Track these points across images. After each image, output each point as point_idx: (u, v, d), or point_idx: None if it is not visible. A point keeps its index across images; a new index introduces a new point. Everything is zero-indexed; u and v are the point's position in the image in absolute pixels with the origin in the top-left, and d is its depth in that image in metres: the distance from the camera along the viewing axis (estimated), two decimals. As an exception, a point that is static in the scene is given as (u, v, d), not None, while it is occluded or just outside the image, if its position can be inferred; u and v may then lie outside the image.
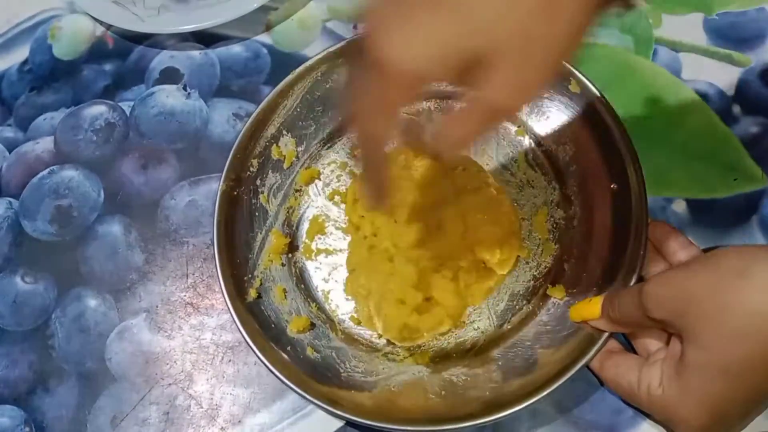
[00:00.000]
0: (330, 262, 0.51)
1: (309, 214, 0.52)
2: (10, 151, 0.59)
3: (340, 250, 0.51)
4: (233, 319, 0.46)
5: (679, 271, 0.41)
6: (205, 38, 0.61)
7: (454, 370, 0.46)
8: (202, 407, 0.49)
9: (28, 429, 0.49)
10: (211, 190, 0.54)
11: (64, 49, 0.63)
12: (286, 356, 0.46)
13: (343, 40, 0.54)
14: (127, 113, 0.59)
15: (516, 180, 0.51)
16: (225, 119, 0.58)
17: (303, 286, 0.50)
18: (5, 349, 0.52)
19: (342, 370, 0.46)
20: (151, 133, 0.58)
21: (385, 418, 0.43)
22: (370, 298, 0.48)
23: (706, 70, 0.55)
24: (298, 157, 0.53)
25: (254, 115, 0.52)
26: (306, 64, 0.53)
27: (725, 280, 0.37)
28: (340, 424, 0.47)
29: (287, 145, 0.53)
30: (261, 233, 0.51)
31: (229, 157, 0.51)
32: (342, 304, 0.49)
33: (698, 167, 0.52)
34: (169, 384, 0.49)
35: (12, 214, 0.56)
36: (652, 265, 0.45)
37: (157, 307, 0.52)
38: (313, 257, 0.51)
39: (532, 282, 0.48)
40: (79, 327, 0.52)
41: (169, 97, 0.59)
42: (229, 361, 0.50)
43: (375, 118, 0.35)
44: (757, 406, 0.39)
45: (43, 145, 0.59)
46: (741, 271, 0.37)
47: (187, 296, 0.52)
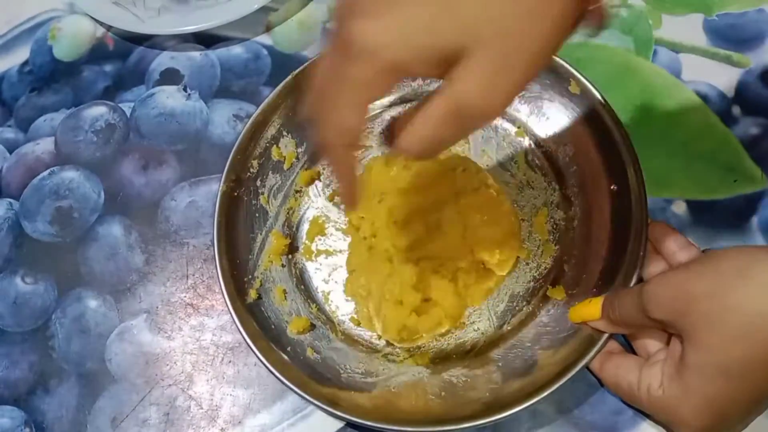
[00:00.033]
0: (330, 263, 0.51)
1: (309, 215, 0.52)
2: (11, 152, 0.59)
3: (340, 251, 0.51)
4: (233, 320, 0.46)
5: (679, 271, 0.41)
6: (206, 39, 0.61)
7: (454, 371, 0.46)
8: (202, 408, 0.49)
9: (28, 429, 0.49)
10: (212, 191, 0.54)
11: (64, 50, 0.63)
12: (286, 357, 0.46)
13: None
14: (128, 114, 0.59)
15: (516, 181, 0.51)
16: (225, 120, 0.58)
17: (303, 287, 0.50)
18: (5, 349, 0.52)
19: (342, 371, 0.46)
20: (152, 134, 0.58)
21: (385, 419, 0.43)
22: (369, 299, 0.48)
23: (706, 71, 0.55)
24: (298, 158, 0.53)
25: (254, 116, 0.52)
26: (306, 65, 0.53)
27: (725, 281, 0.37)
28: (340, 424, 0.47)
29: (287, 146, 0.53)
30: (261, 234, 0.51)
31: (230, 158, 0.51)
32: (342, 305, 0.49)
33: (698, 168, 0.52)
34: (170, 385, 0.49)
35: (12, 215, 0.56)
36: (652, 266, 0.45)
37: (158, 308, 0.52)
38: (313, 258, 0.51)
39: (532, 283, 0.48)
40: (80, 328, 0.52)
41: (170, 98, 0.59)
42: (230, 362, 0.50)
43: (346, 107, 0.33)
44: (757, 407, 0.39)
45: (44, 146, 0.59)
46: (741, 272, 0.37)
47: (188, 297, 0.52)
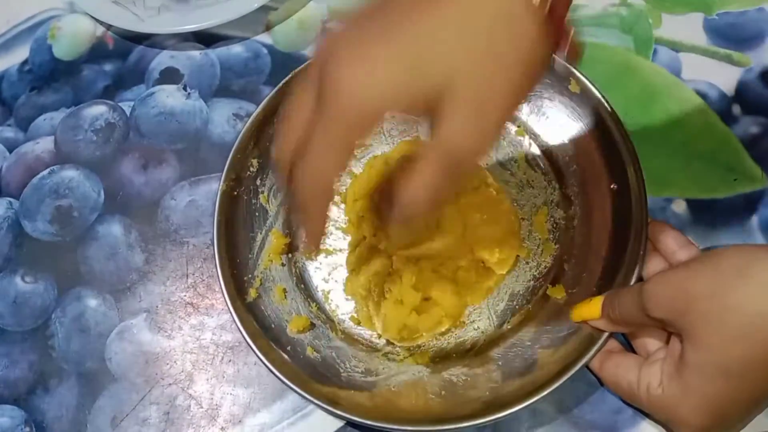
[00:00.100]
0: (330, 262, 0.51)
1: (309, 214, 0.52)
2: (11, 151, 0.59)
3: (340, 250, 0.51)
4: (233, 319, 0.46)
5: (679, 270, 0.41)
6: (205, 38, 0.61)
7: (454, 370, 0.46)
8: (202, 407, 0.49)
9: (28, 429, 0.49)
10: (211, 190, 0.54)
11: (64, 50, 0.63)
12: (286, 356, 0.46)
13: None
14: (128, 113, 0.59)
15: (516, 180, 0.51)
16: (225, 119, 0.58)
17: (303, 286, 0.50)
18: (5, 349, 0.52)
19: (342, 370, 0.46)
20: (151, 133, 0.58)
21: (385, 418, 0.43)
22: (369, 298, 0.48)
23: (706, 71, 0.55)
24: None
25: (254, 115, 0.52)
26: (306, 65, 0.53)
27: (725, 280, 0.37)
28: (340, 424, 0.47)
29: (287, 145, 0.53)
30: (261, 233, 0.51)
31: (229, 157, 0.51)
32: (342, 304, 0.49)
33: (698, 167, 0.52)
34: (170, 384, 0.49)
35: (12, 214, 0.56)
36: (652, 265, 0.45)
37: (157, 307, 0.52)
38: (313, 257, 0.51)
39: (532, 282, 0.48)
40: (79, 327, 0.52)
41: (170, 97, 0.59)
42: (229, 361, 0.50)
43: (325, 154, 0.33)
44: (757, 406, 0.39)
45: (44, 146, 0.59)
46: (741, 271, 0.37)
47: (187, 296, 0.52)
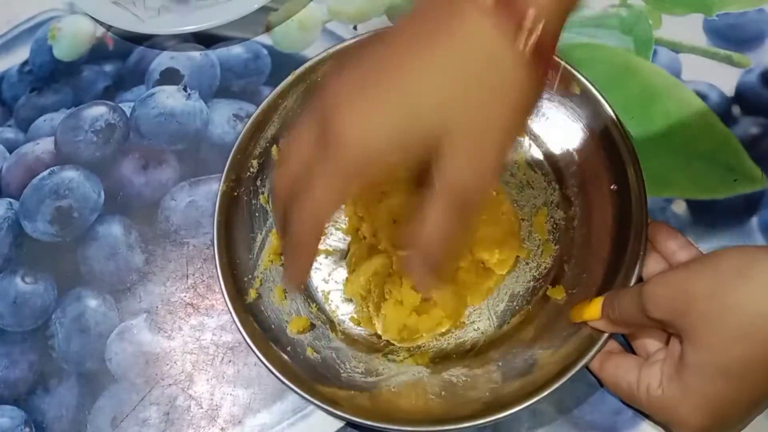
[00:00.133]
0: (330, 263, 0.51)
1: (309, 215, 0.52)
2: (11, 152, 0.59)
3: (340, 251, 0.51)
4: (233, 320, 0.46)
5: (679, 271, 0.41)
6: (206, 39, 0.61)
7: (454, 370, 0.46)
8: (202, 408, 0.49)
9: (28, 429, 0.49)
10: (212, 190, 0.54)
11: (64, 50, 0.63)
12: (286, 357, 0.46)
13: (343, 41, 0.54)
14: (128, 114, 0.59)
15: (516, 180, 0.51)
16: (225, 120, 0.58)
17: (303, 287, 0.50)
18: (5, 349, 0.52)
19: (342, 371, 0.46)
20: (152, 134, 0.58)
21: (385, 419, 0.43)
22: (369, 299, 0.48)
23: (706, 71, 0.55)
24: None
25: (254, 115, 0.52)
26: (306, 65, 0.53)
27: (725, 281, 0.37)
28: (340, 424, 0.47)
29: (287, 145, 0.53)
30: (261, 234, 0.51)
31: (230, 158, 0.51)
32: (342, 305, 0.49)
33: (698, 168, 0.52)
34: (170, 384, 0.49)
35: (12, 214, 0.56)
36: (652, 266, 0.45)
37: (158, 307, 0.52)
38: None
39: (532, 282, 0.48)
40: (79, 327, 0.52)
41: (170, 98, 0.59)
42: (230, 362, 0.50)
43: (323, 197, 0.34)
44: (757, 407, 0.39)
45: (44, 146, 0.59)
46: (741, 271, 0.37)
47: (188, 297, 0.52)
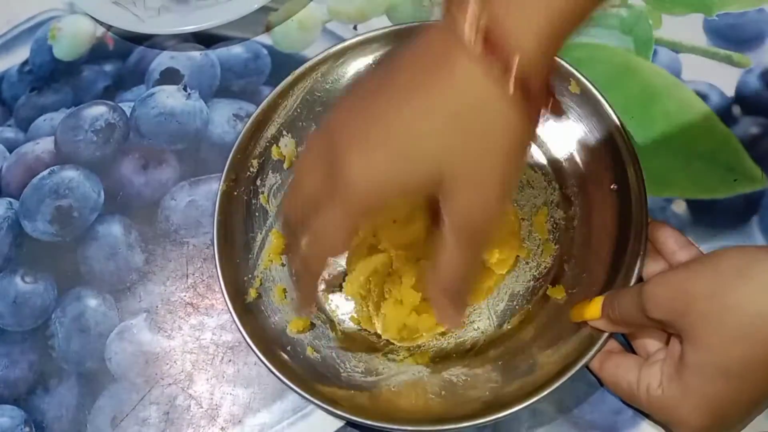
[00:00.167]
0: (330, 263, 0.51)
1: (309, 215, 0.52)
2: (11, 151, 0.59)
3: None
4: (233, 319, 0.46)
5: (679, 271, 0.41)
6: (206, 39, 0.61)
7: (454, 370, 0.46)
8: (202, 407, 0.49)
9: (28, 429, 0.49)
10: (212, 190, 0.54)
11: (64, 50, 0.63)
12: (286, 356, 0.46)
13: (343, 41, 0.54)
14: (128, 114, 0.59)
15: (516, 180, 0.51)
16: (225, 120, 0.58)
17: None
18: (5, 349, 0.52)
19: (342, 370, 0.46)
20: (152, 133, 0.58)
21: (385, 418, 0.43)
22: (369, 299, 0.48)
23: (706, 71, 0.55)
24: (298, 158, 0.53)
25: (254, 115, 0.52)
26: (306, 65, 0.53)
27: (725, 281, 0.37)
28: (340, 424, 0.47)
29: (287, 145, 0.53)
30: (261, 233, 0.51)
31: (229, 158, 0.51)
32: (342, 304, 0.49)
33: (698, 168, 0.52)
34: (169, 384, 0.49)
35: (12, 214, 0.56)
36: (652, 266, 0.45)
37: (157, 307, 0.52)
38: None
39: (532, 282, 0.48)
40: (79, 327, 0.52)
41: (170, 97, 0.59)
42: (229, 361, 0.50)
43: (332, 234, 0.36)
44: (757, 407, 0.39)
45: (44, 146, 0.59)
46: (741, 272, 0.37)
47: (187, 296, 0.52)
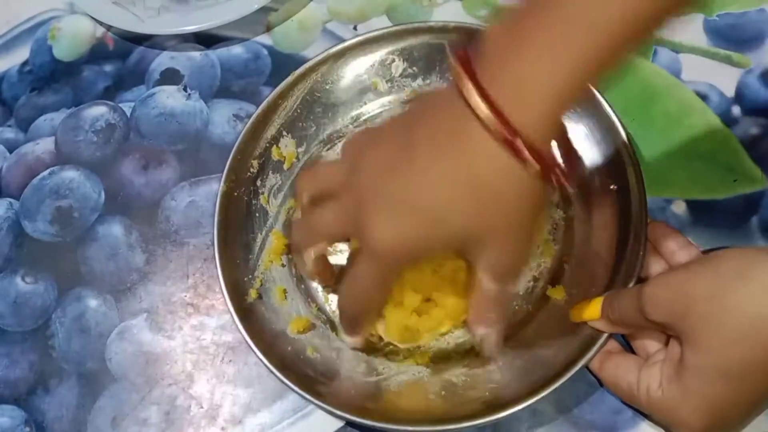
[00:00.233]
0: (330, 263, 0.51)
1: (309, 215, 0.52)
2: (11, 151, 0.59)
3: (341, 251, 0.51)
4: (233, 320, 0.46)
5: (679, 272, 0.41)
6: (206, 39, 0.61)
7: (454, 370, 0.46)
8: (202, 407, 0.49)
9: (28, 429, 0.49)
10: (212, 191, 0.54)
11: (64, 50, 0.63)
12: (286, 356, 0.46)
13: (343, 41, 0.54)
14: (128, 114, 0.59)
15: (516, 181, 0.51)
16: (225, 120, 0.58)
17: (303, 287, 0.50)
18: (5, 349, 0.52)
19: (342, 371, 0.46)
20: (152, 134, 0.58)
21: (385, 419, 0.43)
22: (369, 299, 0.48)
23: (706, 71, 0.55)
24: (298, 158, 0.53)
25: (254, 116, 0.52)
26: (306, 66, 0.53)
27: (725, 282, 0.37)
28: (340, 424, 0.47)
29: (287, 146, 0.53)
30: (261, 234, 0.51)
31: (230, 158, 0.51)
32: (342, 305, 0.49)
33: (698, 168, 0.52)
34: (170, 384, 0.49)
35: (12, 214, 0.56)
36: (652, 266, 0.45)
37: (158, 307, 0.52)
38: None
39: (532, 282, 0.48)
40: (80, 327, 0.52)
41: (170, 98, 0.59)
42: (230, 361, 0.50)
43: (372, 289, 0.40)
44: (757, 408, 0.39)
45: (44, 146, 0.59)
46: (741, 273, 0.37)
47: (188, 297, 0.52)
